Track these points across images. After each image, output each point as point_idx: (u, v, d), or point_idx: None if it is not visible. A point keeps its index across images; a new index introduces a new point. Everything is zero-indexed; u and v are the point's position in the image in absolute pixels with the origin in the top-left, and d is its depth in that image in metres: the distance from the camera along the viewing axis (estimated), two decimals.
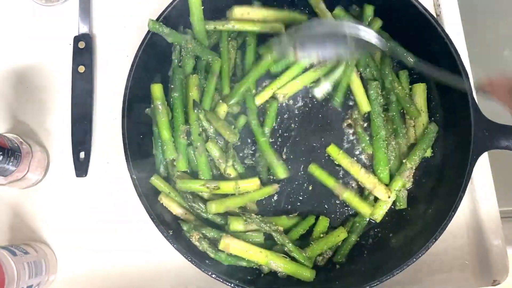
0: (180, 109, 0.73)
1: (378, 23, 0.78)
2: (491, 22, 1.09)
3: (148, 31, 0.72)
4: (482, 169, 0.79)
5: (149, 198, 0.69)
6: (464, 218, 0.79)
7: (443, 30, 0.70)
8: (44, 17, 0.85)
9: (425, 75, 0.75)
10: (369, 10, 0.78)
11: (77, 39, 0.83)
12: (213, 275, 0.65)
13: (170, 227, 0.69)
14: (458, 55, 0.69)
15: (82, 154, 0.79)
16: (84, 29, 0.84)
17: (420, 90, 0.77)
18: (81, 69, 0.81)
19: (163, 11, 0.73)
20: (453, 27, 0.84)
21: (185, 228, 0.69)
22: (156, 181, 0.72)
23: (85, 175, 0.79)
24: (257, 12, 0.77)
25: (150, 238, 0.76)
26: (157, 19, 0.72)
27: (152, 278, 0.77)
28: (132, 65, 0.71)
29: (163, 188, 0.72)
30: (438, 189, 0.73)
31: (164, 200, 0.72)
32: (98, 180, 0.80)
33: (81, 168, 0.79)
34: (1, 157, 0.68)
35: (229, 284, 0.66)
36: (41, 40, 0.84)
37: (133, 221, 0.78)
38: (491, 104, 0.65)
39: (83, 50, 0.82)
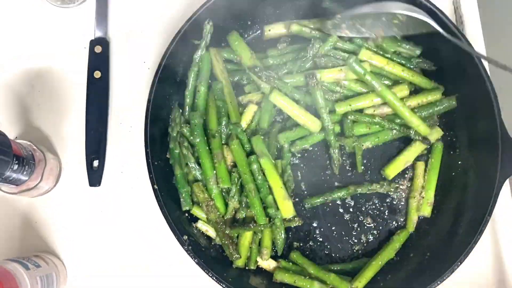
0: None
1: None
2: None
3: (173, 38, 0.70)
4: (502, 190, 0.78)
5: (173, 215, 0.67)
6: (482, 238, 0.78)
7: (473, 51, 0.69)
8: (58, 19, 0.82)
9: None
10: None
11: (93, 43, 0.80)
12: None
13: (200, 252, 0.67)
14: (488, 77, 0.68)
15: (95, 163, 0.77)
16: (100, 33, 0.81)
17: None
18: (97, 74, 0.78)
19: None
20: (476, 45, 0.83)
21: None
22: (197, 212, 0.72)
23: (99, 185, 0.77)
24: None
25: (168, 252, 0.74)
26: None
27: None
28: (156, 73, 0.69)
29: (203, 217, 0.72)
30: (463, 212, 0.72)
31: (202, 228, 0.72)
32: (112, 190, 0.77)
33: (95, 177, 0.77)
34: (16, 166, 0.65)
35: None
36: (55, 43, 0.81)
37: (149, 234, 0.76)
38: None
39: (100, 55, 0.79)
